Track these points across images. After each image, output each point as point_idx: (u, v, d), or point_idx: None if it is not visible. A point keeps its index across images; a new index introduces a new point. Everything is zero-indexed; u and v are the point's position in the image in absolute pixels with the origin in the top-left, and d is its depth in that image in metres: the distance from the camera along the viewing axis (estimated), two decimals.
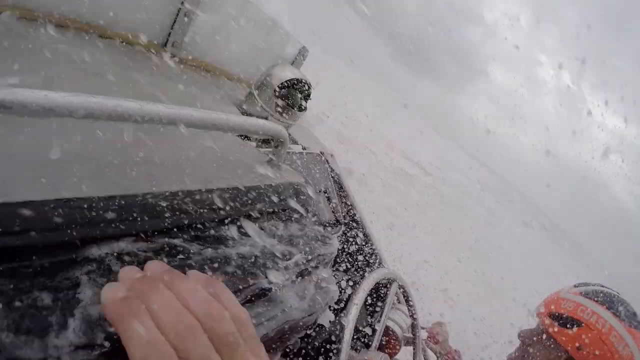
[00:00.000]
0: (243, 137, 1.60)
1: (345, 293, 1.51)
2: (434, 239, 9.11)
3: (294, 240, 1.01)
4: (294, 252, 0.97)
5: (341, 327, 1.25)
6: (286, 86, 2.06)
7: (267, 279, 0.83)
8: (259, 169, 1.14)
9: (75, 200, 0.62)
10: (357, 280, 1.57)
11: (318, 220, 1.27)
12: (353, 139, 11.15)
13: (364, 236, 2.38)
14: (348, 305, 1.36)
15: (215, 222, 0.83)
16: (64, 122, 0.69)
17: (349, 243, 2.35)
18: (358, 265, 2.30)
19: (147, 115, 0.70)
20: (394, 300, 1.84)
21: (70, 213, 0.60)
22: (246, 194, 0.94)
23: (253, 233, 0.89)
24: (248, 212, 0.94)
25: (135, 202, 0.70)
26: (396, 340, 1.84)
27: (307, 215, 1.15)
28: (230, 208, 0.87)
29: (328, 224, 2.16)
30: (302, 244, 1.01)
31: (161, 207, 0.73)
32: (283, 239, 0.98)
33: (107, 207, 0.65)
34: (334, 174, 2.41)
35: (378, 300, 1.87)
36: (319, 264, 1.05)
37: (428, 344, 2.19)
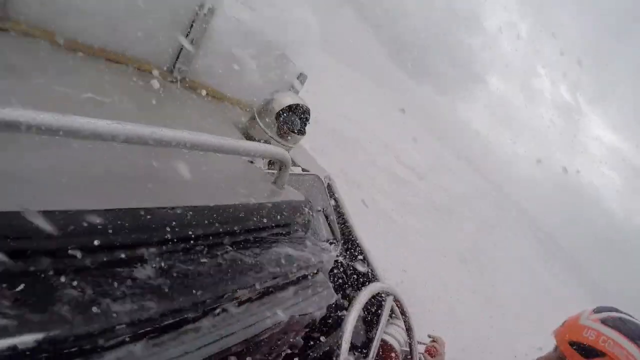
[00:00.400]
0: (250, 160, 1.70)
1: (341, 308, 1.58)
2: (426, 246, 9.09)
3: (296, 249, 1.11)
4: (296, 260, 1.06)
5: (338, 341, 1.31)
6: (286, 111, 2.17)
7: (271, 281, 0.93)
8: (265, 188, 1.26)
9: (119, 210, 0.73)
10: (354, 295, 1.64)
11: (317, 235, 1.38)
12: (347, 139, 11.17)
13: (361, 253, 2.47)
14: (344, 319, 1.43)
15: (227, 233, 0.94)
16: (102, 145, 0.78)
17: (346, 260, 2.43)
18: (355, 280, 2.37)
19: (165, 140, 0.79)
20: (392, 314, 1.90)
21: (112, 221, 0.71)
22: (254, 210, 1.05)
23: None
24: (256, 226, 1.05)
25: (161, 214, 0.80)
26: (394, 354, 1.90)
27: (308, 229, 1.28)
28: (240, 222, 0.98)
29: (327, 241, 2.24)
30: (303, 253, 1.11)
31: (182, 219, 0.83)
32: (286, 248, 1.08)
33: (138, 217, 0.75)
34: (332, 195, 2.50)
35: (375, 315, 1.93)
36: (318, 270, 1.14)
37: (426, 358, 2.23)
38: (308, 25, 2.46)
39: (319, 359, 1.34)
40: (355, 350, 1.78)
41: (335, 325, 1.49)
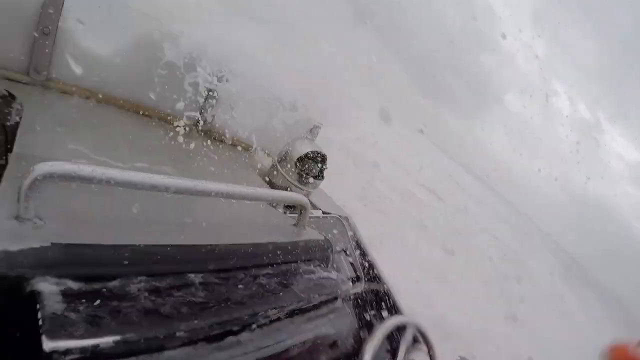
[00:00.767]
0: (274, 205, 1.86)
1: (363, 340, 1.70)
2: (448, 275, 8.97)
3: (316, 279, 1.30)
4: (316, 288, 1.27)
5: None
6: (304, 158, 2.31)
7: (294, 305, 1.14)
8: (288, 229, 1.45)
9: (173, 246, 0.96)
10: (377, 326, 1.77)
11: (339, 271, 1.58)
12: (366, 160, 11.19)
13: (383, 290, 2.56)
14: (364, 348, 1.53)
15: (256, 265, 1.16)
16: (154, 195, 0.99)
17: (369, 295, 2.53)
18: (378, 314, 2.47)
19: (205, 191, 1.02)
20: (417, 344, 1.98)
21: (168, 253, 0.94)
22: (279, 247, 1.24)
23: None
24: (280, 260, 1.24)
25: (204, 249, 1.02)
26: None
27: (328, 264, 1.47)
28: (267, 257, 1.20)
29: (349, 279, 2.36)
30: (323, 282, 1.31)
31: (220, 253, 1.05)
32: (307, 279, 1.27)
33: (186, 250, 0.98)
34: (353, 235, 2.61)
35: (398, 347, 2.03)
36: (337, 298, 1.33)
37: None
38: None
39: None
40: None
41: (355, 355, 1.60)
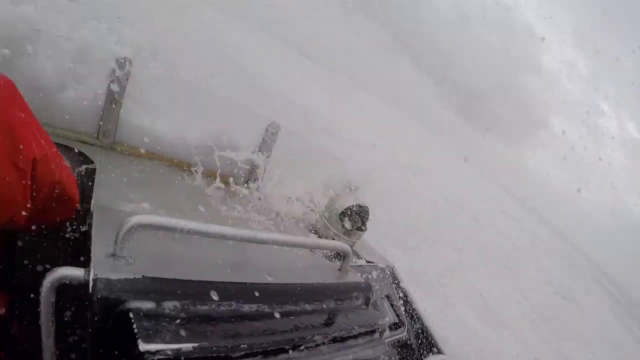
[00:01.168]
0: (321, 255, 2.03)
1: None
2: (492, 308, 8.72)
3: (358, 315, 1.47)
4: (357, 322, 1.44)
5: None
6: (348, 212, 2.44)
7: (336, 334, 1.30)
8: (332, 273, 1.64)
9: (242, 284, 1.20)
10: None
11: (381, 313, 1.75)
12: (411, 188, 11.13)
13: (424, 332, 2.64)
14: None
15: (306, 301, 1.34)
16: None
17: (411, 339, 2.59)
18: (420, 354, 2.55)
19: (265, 240, 1.23)
20: None
21: (239, 289, 1.17)
22: (325, 288, 1.44)
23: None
24: (326, 299, 1.41)
25: (262, 287, 1.21)
26: None
27: (369, 304, 1.61)
28: (315, 295, 1.38)
29: (393, 325, 2.46)
30: (363, 318, 1.48)
31: (271, 291, 1.23)
32: (349, 314, 1.46)
33: (248, 288, 1.19)
34: (397, 284, 2.70)
35: None
36: (376, 331, 1.48)
37: None
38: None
39: None
40: None
41: None
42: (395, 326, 2.48)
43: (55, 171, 1.09)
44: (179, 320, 0.98)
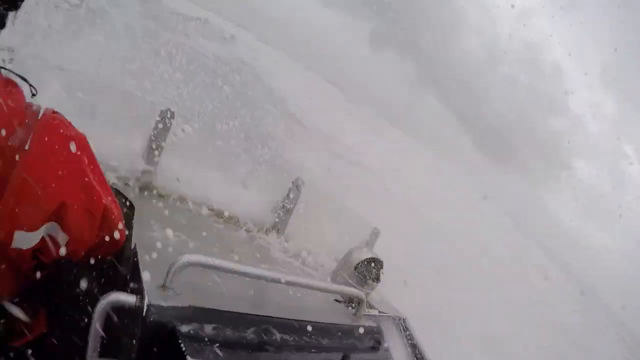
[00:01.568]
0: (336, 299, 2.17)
1: None
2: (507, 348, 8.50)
3: (369, 353, 1.69)
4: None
5: None
6: (364, 263, 2.56)
7: None
8: (347, 317, 1.81)
9: (271, 317, 1.39)
10: None
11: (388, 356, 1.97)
12: (430, 223, 11.06)
13: None
14: None
15: (324, 338, 1.51)
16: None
17: None
18: None
19: (292, 282, 1.44)
20: None
21: (269, 322, 1.35)
22: (341, 328, 1.62)
23: None
24: (342, 337, 1.59)
25: (286, 323, 1.40)
26: None
27: (380, 345, 1.82)
28: (332, 334, 1.55)
29: None
30: (374, 355, 1.72)
31: (293, 325, 1.41)
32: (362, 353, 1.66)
33: (265, 321, 1.36)
34: (409, 335, 2.78)
35: None
36: None
37: None
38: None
39: None
40: None
41: None
42: None
43: (117, 217, 1.25)
44: (217, 343, 1.17)
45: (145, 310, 1.12)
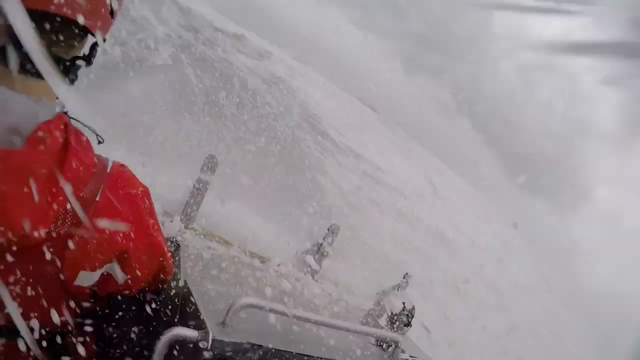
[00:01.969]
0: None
1: None
2: None
3: None
4: None
5: None
6: (396, 308, 2.61)
7: None
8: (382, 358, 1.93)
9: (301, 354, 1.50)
10: None
11: None
12: (458, 247, 10.84)
13: None
14: None
15: None
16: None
17: None
18: None
19: (329, 323, 1.58)
20: None
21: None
22: None
23: None
24: None
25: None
26: None
27: None
28: None
29: None
30: None
31: None
32: None
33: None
34: None
35: None
36: None
37: None
38: None
39: None
40: None
41: None
42: None
43: (169, 258, 1.35)
44: None
45: (209, 344, 1.25)
